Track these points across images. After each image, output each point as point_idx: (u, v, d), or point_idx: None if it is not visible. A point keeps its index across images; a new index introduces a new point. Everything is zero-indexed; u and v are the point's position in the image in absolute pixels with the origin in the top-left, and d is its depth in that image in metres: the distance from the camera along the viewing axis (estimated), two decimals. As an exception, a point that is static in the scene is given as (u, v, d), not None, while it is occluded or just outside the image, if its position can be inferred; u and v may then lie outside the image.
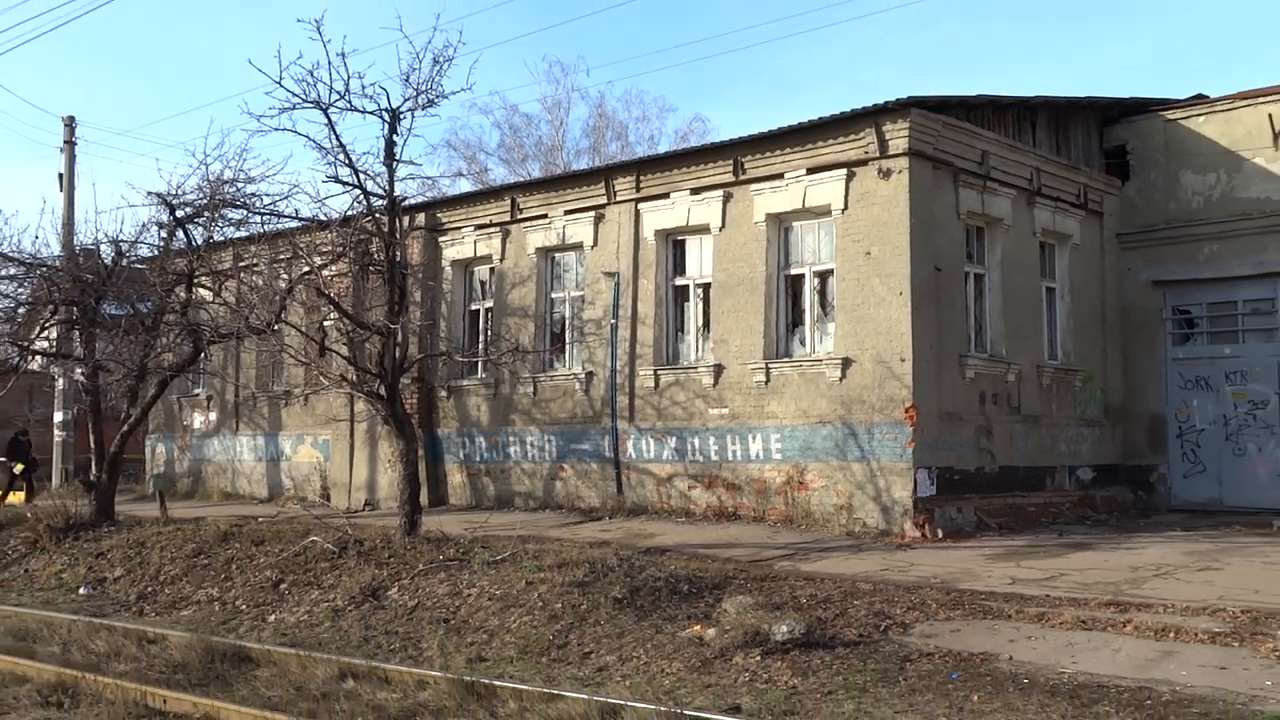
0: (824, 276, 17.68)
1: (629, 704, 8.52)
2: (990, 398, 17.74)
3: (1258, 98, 19.89)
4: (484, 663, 10.61)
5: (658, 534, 16.26)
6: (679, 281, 19.49)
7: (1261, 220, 19.50)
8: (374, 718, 8.71)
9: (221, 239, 21.46)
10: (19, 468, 27.40)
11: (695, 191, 18.92)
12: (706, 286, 19.01)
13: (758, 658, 9.86)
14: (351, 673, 10.13)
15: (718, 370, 18.29)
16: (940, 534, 15.76)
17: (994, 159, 18.07)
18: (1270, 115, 19.56)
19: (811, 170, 17.44)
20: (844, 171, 17.04)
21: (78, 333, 21.62)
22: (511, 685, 9.26)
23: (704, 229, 18.93)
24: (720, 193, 18.61)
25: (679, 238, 19.49)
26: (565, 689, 9.19)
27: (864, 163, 16.84)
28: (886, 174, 16.61)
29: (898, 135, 16.50)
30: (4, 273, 21.59)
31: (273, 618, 13.26)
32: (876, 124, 16.62)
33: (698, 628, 10.77)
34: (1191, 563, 13.27)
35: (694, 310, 19.27)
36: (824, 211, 17.43)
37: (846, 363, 16.76)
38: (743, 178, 18.31)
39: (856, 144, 16.89)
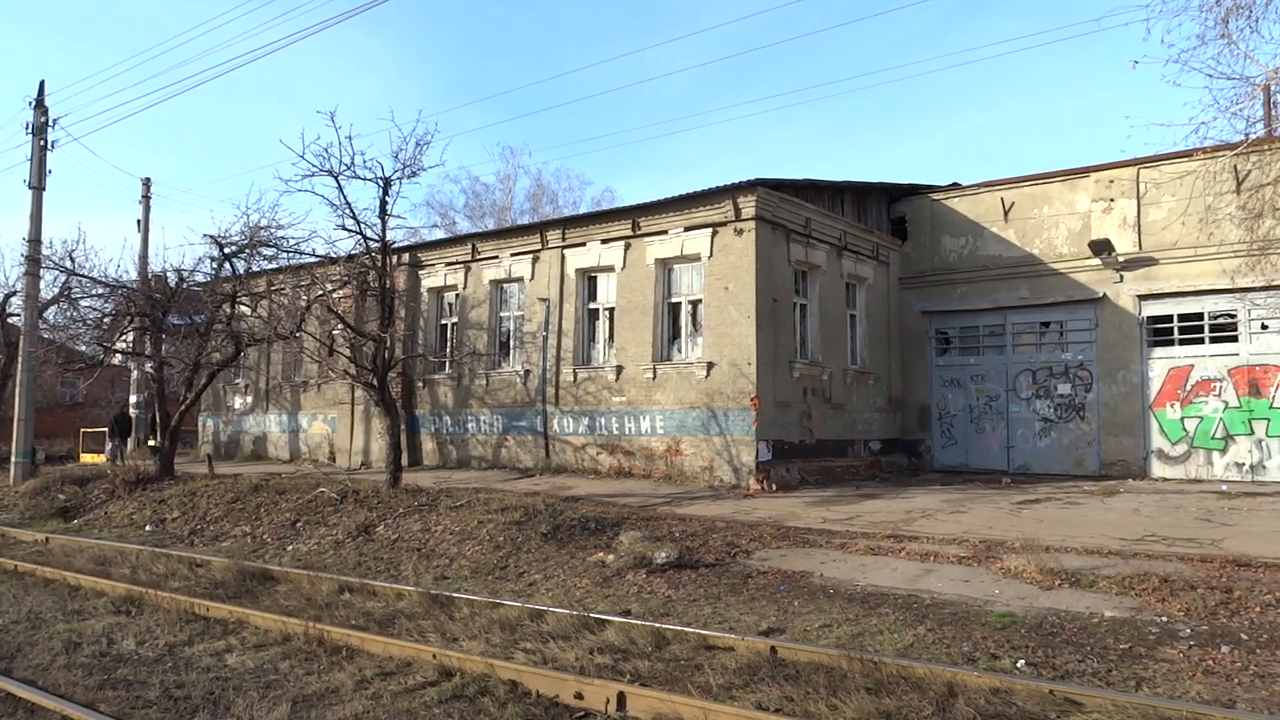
0: (695, 304, 17.68)
1: (551, 609, 8.42)
2: (810, 391, 17.92)
3: (994, 186, 20.40)
4: (446, 580, 10.41)
5: (574, 487, 16.13)
6: (592, 306, 19.34)
7: (995, 271, 20.00)
8: (364, 620, 8.47)
9: (257, 269, 20.78)
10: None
11: (605, 241, 18.81)
12: (611, 310, 18.89)
13: (644, 576, 9.81)
14: (348, 588, 9.86)
15: (619, 369, 18.20)
16: (775, 487, 15.87)
17: (814, 224, 18.27)
18: (1002, 198, 20.08)
19: (688, 228, 17.44)
20: (710, 229, 17.07)
21: (148, 337, 20.78)
22: (466, 596, 9.09)
23: (610, 269, 18.82)
24: (623, 243, 18.53)
25: (592, 274, 19.34)
26: (505, 599, 9.05)
27: (724, 224, 16.89)
28: (740, 232, 16.69)
29: (748, 205, 16.58)
30: (94, 292, 20.73)
31: (290, 548, 12.86)
32: (733, 197, 16.69)
33: (601, 554, 10.69)
34: (946, 507, 13.55)
35: (603, 326, 19.14)
36: (696, 258, 17.45)
37: (710, 365, 16.79)
38: (639, 232, 18.24)
39: (719, 210, 16.94)
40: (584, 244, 19.15)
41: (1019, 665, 6.62)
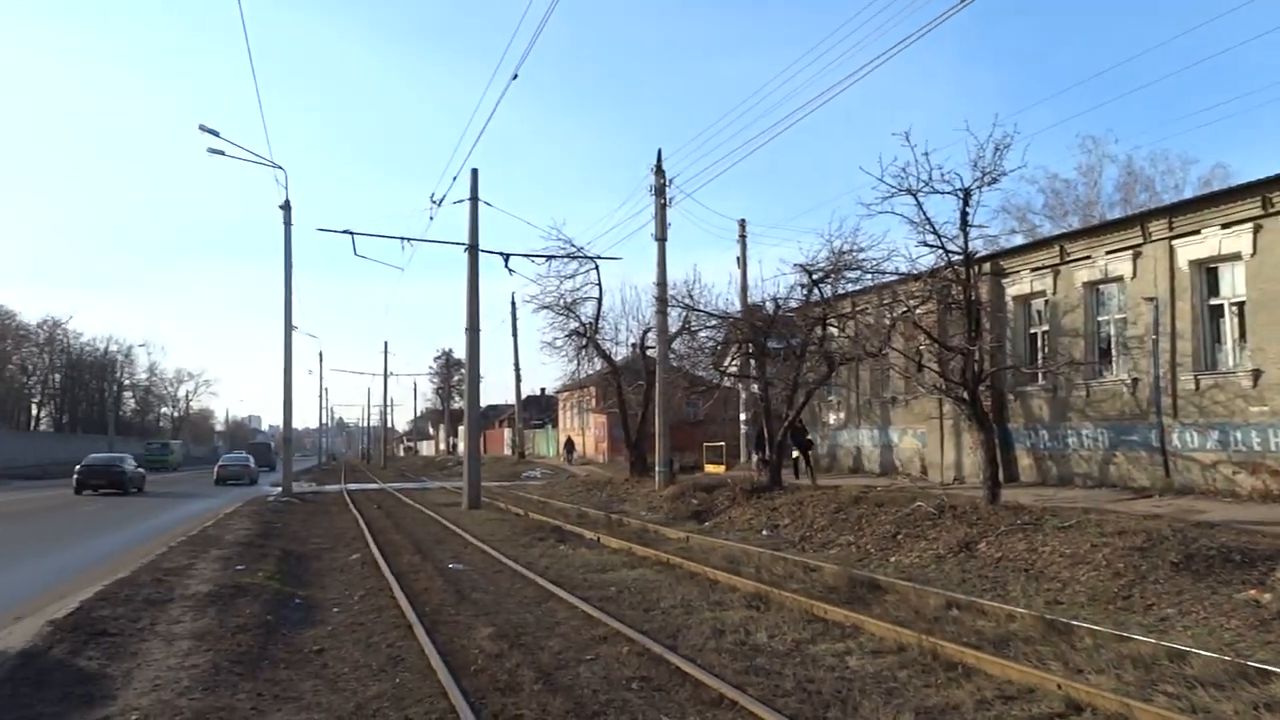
0: (1363, 289, 14.26)
1: (1194, 651, 7.34)
2: None
3: None
4: (1059, 605, 9.70)
5: (1206, 511, 13.95)
6: (1213, 302, 16.71)
7: None
8: (976, 639, 8.28)
9: (843, 292, 21.89)
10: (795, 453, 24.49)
11: (1225, 226, 16.13)
12: (1240, 305, 16.11)
13: (1319, 622, 8.07)
14: (954, 604, 9.74)
15: (1256, 374, 15.40)
16: None
17: None
18: None
19: (1346, 198, 14.18)
20: (1381, 196, 13.65)
21: (752, 360, 23.16)
22: (1086, 625, 8.37)
23: (1235, 257, 16.08)
24: (1250, 225, 15.70)
25: (1211, 266, 16.72)
26: (1133, 633, 8.12)
27: (1403, 186, 13.37)
28: None
29: None
30: (708, 324, 23.80)
31: (893, 559, 13.18)
32: None
33: (1253, 592, 9.05)
34: None
35: (1229, 325, 16.41)
36: (1360, 232, 14.08)
37: (1392, 364, 13.36)
38: (1271, 210, 15.31)
39: (1394, 170, 13.46)
40: (1197, 231, 16.67)
41: None
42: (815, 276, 20.57)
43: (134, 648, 8.25)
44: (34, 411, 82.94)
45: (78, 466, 35.24)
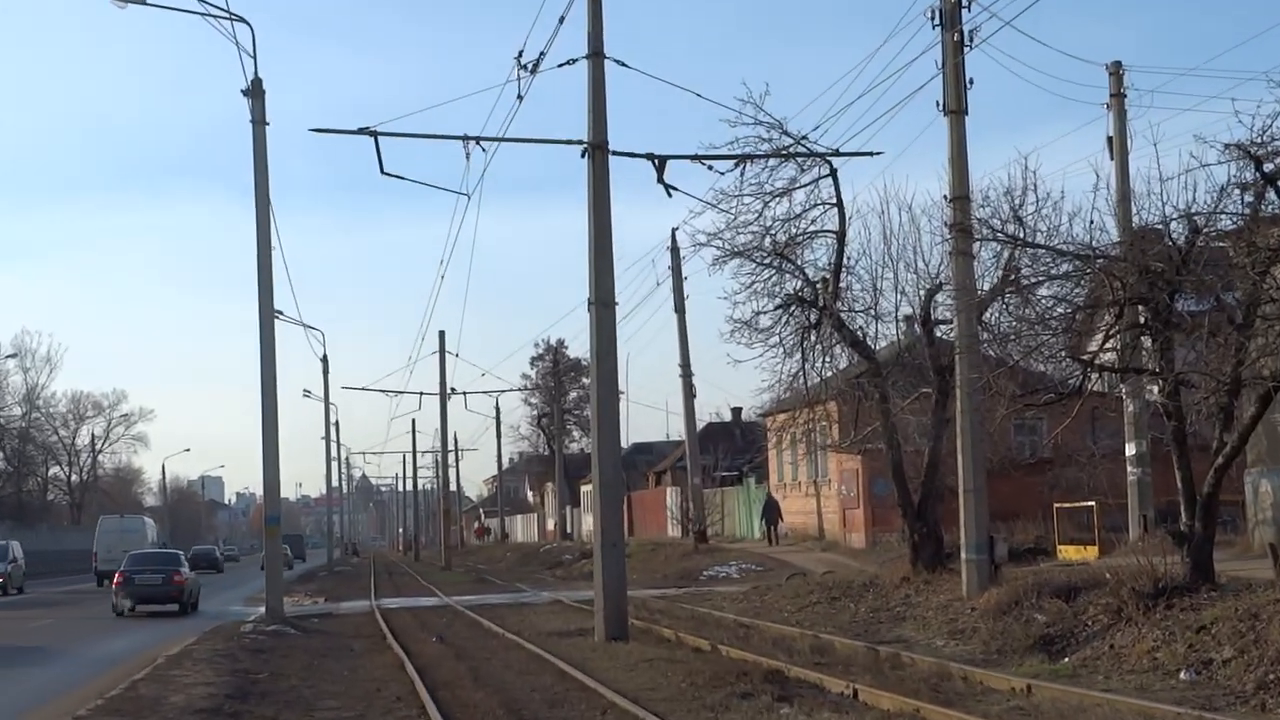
0: None
1: None
2: None
3: None
4: None
5: None
6: None
7: None
8: None
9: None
10: None
11: None
12: None
13: None
14: None
15: None
16: None
17: None
18: None
19: None
20: None
21: (1148, 339, 22.22)
22: None
23: None
24: None
25: None
26: None
27: None
28: None
29: None
30: (1055, 270, 23.01)
31: None
32: None
33: None
34: None
35: None
36: None
37: None
38: None
39: None
40: None
41: None
42: (1270, 167, 19.68)
43: None
44: None
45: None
